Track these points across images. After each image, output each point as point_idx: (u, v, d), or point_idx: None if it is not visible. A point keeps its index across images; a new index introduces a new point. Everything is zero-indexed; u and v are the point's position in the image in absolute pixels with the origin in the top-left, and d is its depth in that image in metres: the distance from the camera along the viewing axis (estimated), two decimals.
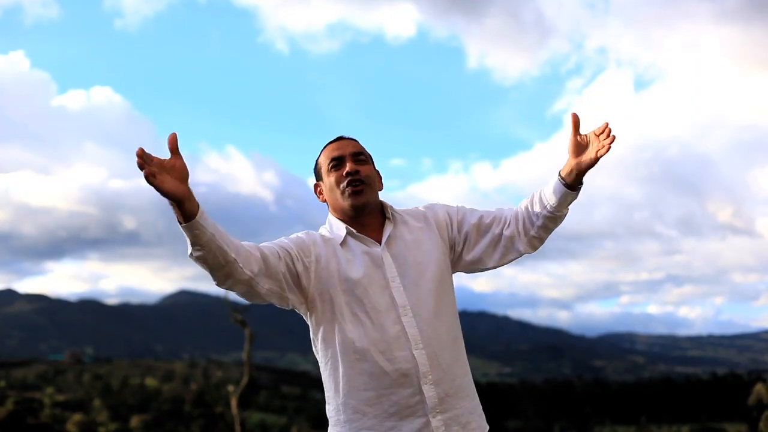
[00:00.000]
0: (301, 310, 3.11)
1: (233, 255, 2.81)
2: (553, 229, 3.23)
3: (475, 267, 3.22)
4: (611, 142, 3.07)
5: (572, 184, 3.13)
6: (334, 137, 3.24)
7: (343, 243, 3.07)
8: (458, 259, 3.21)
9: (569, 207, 3.21)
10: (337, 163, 3.10)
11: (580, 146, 3.13)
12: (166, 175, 2.63)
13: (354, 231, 3.07)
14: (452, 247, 3.20)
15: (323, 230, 3.16)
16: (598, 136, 3.10)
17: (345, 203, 3.08)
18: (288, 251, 3.03)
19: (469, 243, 3.19)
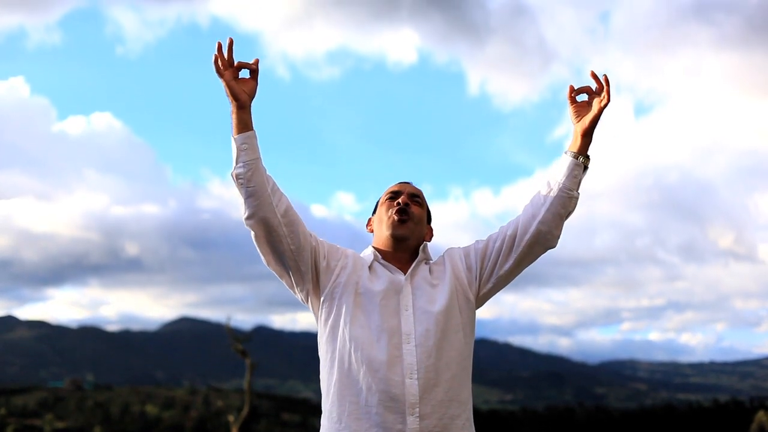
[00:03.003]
0: (302, 297, 3.19)
1: (269, 190, 2.99)
2: (563, 215, 3.21)
3: (503, 279, 3.24)
4: (609, 88, 3.10)
5: (580, 150, 3.15)
6: (401, 180, 3.39)
7: (371, 267, 3.18)
8: (487, 282, 3.23)
9: (579, 191, 3.19)
10: (393, 196, 3.26)
11: (581, 110, 3.19)
12: (236, 79, 2.99)
13: (380, 257, 3.20)
14: (477, 277, 3.23)
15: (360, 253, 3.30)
16: (595, 91, 3.16)
17: (386, 231, 3.21)
18: (319, 242, 3.18)
19: (493, 263, 3.22)
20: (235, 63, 2.98)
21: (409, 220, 3.19)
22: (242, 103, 2.97)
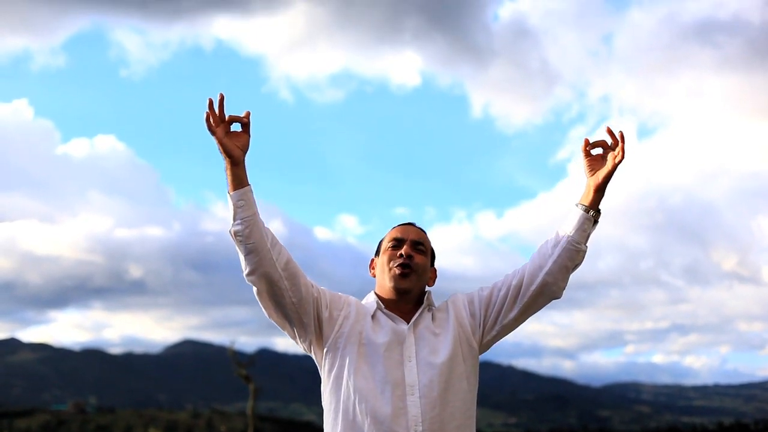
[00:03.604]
0: (304, 346, 3.20)
1: (269, 244, 2.97)
2: (570, 268, 3.21)
3: (507, 327, 3.24)
4: (624, 144, 3.09)
5: (591, 205, 3.16)
6: (405, 221, 3.37)
7: (374, 315, 3.16)
8: (491, 330, 3.22)
9: (587, 245, 3.19)
10: (396, 244, 3.23)
11: (594, 164, 3.18)
12: (228, 134, 2.96)
13: (383, 307, 3.17)
14: (481, 324, 3.23)
15: (362, 300, 3.27)
16: (610, 146, 3.15)
17: (389, 283, 3.18)
18: (321, 292, 3.17)
19: (497, 311, 3.21)
20: (227, 117, 2.95)
21: (412, 272, 3.16)
22: (236, 160, 2.93)
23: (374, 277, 3.31)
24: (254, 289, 3.03)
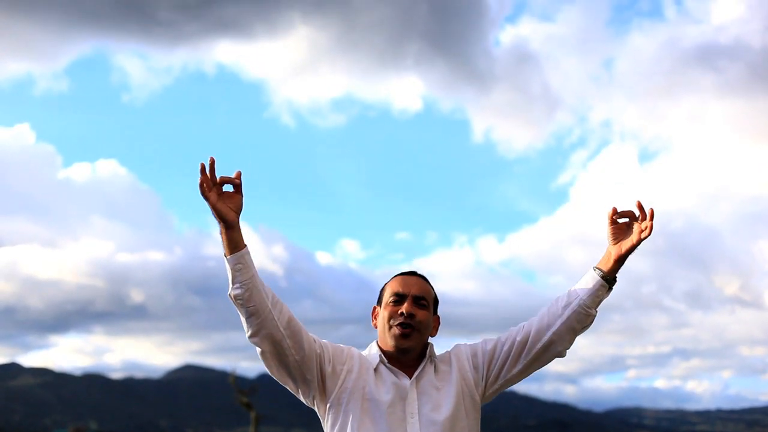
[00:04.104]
0: (308, 401, 3.18)
1: (270, 305, 2.95)
2: (577, 331, 3.20)
3: (510, 381, 3.24)
4: (652, 220, 3.09)
5: (609, 273, 3.16)
6: (407, 270, 3.33)
7: (376, 369, 3.14)
8: (494, 384, 3.23)
9: (597, 309, 3.19)
10: (397, 299, 3.17)
11: (619, 232, 3.18)
12: (221, 197, 2.93)
13: (386, 361, 3.15)
14: (484, 378, 3.22)
15: (363, 352, 3.25)
16: (638, 219, 3.15)
17: (390, 341, 3.16)
18: (323, 347, 3.14)
19: (500, 366, 3.20)
20: (218, 179, 2.93)
21: (414, 331, 3.14)
22: (230, 223, 2.92)
23: (376, 327, 3.27)
24: (258, 349, 3.01)
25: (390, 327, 3.15)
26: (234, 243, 2.92)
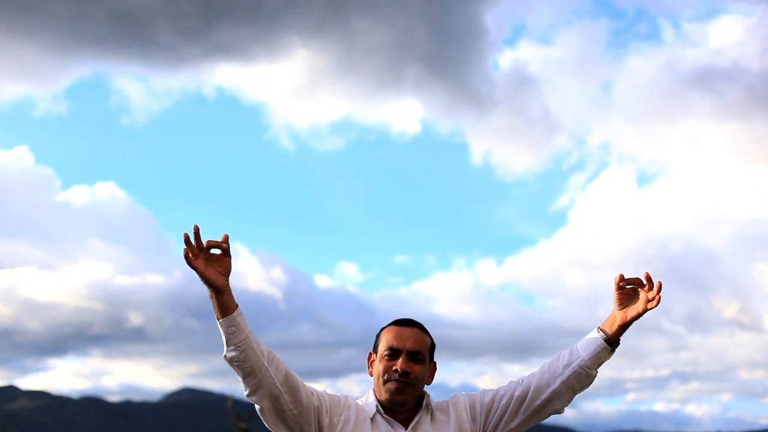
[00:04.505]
0: None
1: (266, 363, 2.94)
2: (577, 390, 3.18)
3: None
4: (659, 292, 3.07)
5: (613, 336, 3.13)
6: (402, 318, 3.25)
7: (373, 419, 3.11)
8: None
9: (598, 371, 3.18)
10: (392, 354, 3.11)
11: (625, 298, 3.15)
12: (209, 262, 2.92)
13: (382, 411, 3.12)
14: (481, 429, 3.20)
15: (359, 400, 3.22)
16: (644, 286, 3.12)
17: (385, 395, 3.11)
18: (321, 399, 3.11)
19: (498, 419, 3.19)
20: (205, 244, 2.91)
21: (408, 386, 3.10)
22: (220, 289, 2.90)
23: (372, 375, 3.23)
24: (257, 406, 3.01)
25: (385, 382, 3.10)
26: (225, 306, 2.91)
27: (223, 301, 2.91)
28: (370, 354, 3.25)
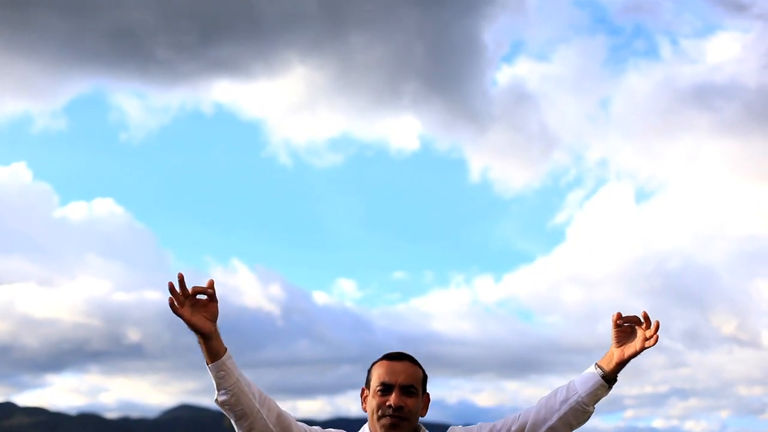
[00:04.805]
0: None
1: (257, 404, 2.94)
2: (573, 426, 3.18)
3: None
4: (657, 331, 3.07)
5: (610, 373, 3.14)
6: (393, 352, 3.23)
7: None
8: None
9: (595, 407, 3.18)
10: (385, 389, 3.08)
11: (622, 335, 3.15)
12: (195, 308, 2.91)
13: None
14: None
15: None
16: (642, 326, 3.12)
17: (379, 431, 3.09)
18: None
19: None
20: (190, 291, 2.91)
21: (403, 420, 3.08)
22: (207, 334, 2.89)
23: (365, 411, 3.20)
24: None
25: (379, 418, 3.08)
26: (214, 352, 2.91)
27: (212, 346, 2.90)
28: (363, 390, 3.22)
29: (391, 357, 3.18)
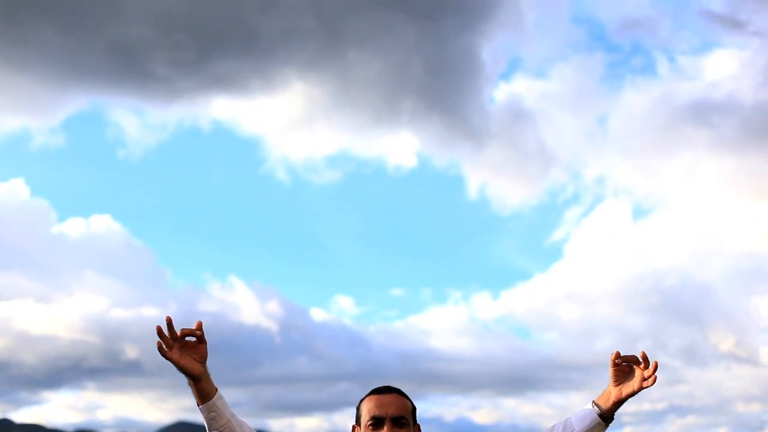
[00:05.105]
0: None
1: None
2: None
3: None
4: (655, 370, 3.04)
5: (607, 412, 3.12)
6: (381, 387, 3.20)
7: None
8: None
9: None
10: (376, 423, 3.06)
11: (621, 374, 3.13)
12: (184, 350, 2.89)
13: None
14: None
15: None
16: (641, 366, 3.09)
17: None
18: None
19: None
20: (179, 333, 2.89)
21: None
22: (197, 376, 2.88)
23: None
24: None
25: None
26: (204, 393, 2.90)
27: (202, 387, 2.89)
28: (354, 427, 3.22)
29: (379, 391, 3.15)
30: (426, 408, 3.15)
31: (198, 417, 2.89)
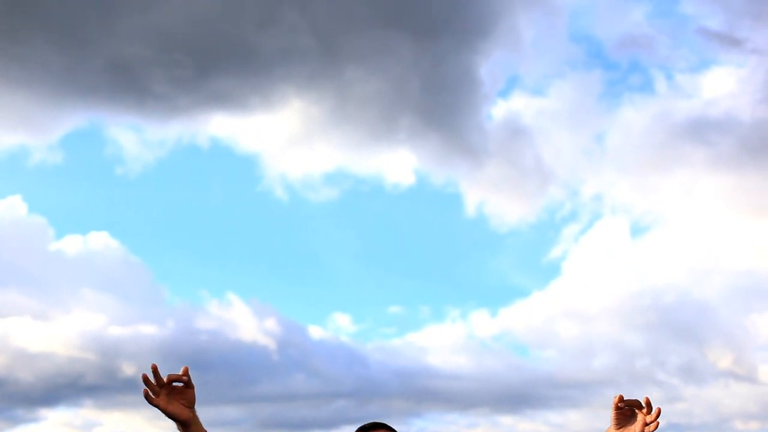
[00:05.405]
0: None
1: None
2: None
3: None
4: (657, 416, 3.01)
5: None
6: (368, 423, 3.18)
7: None
8: None
9: None
10: None
11: (622, 418, 3.09)
12: (171, 396, 2.87)
13: None
14: None
15: None
16: (643, 411, 3.05)
17: None
18: None
19: None
20: (165, 380, 2.81)
21: None
22: (185, 421, 2.83)
23: None
24: None
25: None
26: None
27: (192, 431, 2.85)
28: None
29: (366, 428, 3.15)
30: (423, 426, 3.21)
31: None
